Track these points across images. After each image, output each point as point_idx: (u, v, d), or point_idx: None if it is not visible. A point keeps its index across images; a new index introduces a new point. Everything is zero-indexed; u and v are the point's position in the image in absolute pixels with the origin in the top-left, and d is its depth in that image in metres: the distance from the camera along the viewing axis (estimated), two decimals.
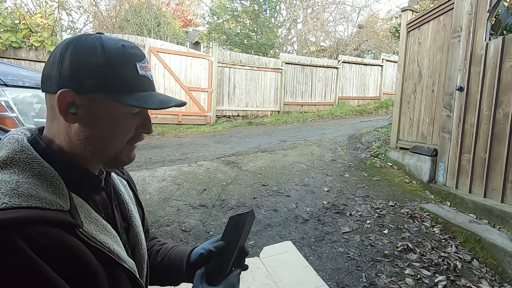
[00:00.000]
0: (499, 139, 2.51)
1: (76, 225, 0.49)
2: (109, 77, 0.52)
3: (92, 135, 0.54)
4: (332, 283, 1.87)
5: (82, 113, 0.52)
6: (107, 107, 0.53)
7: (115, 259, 0.54)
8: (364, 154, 4.44)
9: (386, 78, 11.39)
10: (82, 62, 0.51)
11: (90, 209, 0.55)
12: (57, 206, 0.48)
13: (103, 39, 0.53)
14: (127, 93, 0.53)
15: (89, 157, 0.56)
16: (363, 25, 14.30)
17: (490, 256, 2.05)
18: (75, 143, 0.54)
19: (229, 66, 8.62)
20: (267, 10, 13.33)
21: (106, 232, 0.55)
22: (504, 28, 3.47)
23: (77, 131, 0.53)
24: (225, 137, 6.39)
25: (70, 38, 0.54)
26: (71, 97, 0.51)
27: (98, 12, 11.46)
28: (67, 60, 0.51)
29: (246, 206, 2.85)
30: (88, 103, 0.52)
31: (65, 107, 0.51)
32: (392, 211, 2.77)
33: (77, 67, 0.51)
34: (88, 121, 0.53)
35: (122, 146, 0.58)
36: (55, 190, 0.49)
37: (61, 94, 0.50)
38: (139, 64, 0.55)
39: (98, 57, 0.51)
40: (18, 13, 6.35)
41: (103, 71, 0.51)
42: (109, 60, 0.52)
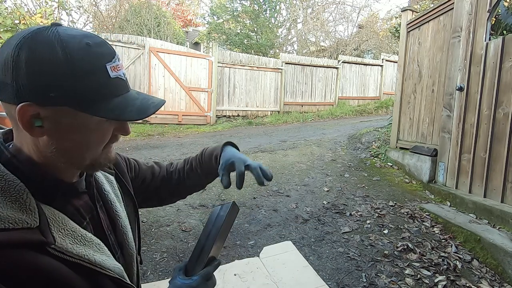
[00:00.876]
0: (499, 139, 2.51)
1: (46, 243, 0.44)
2: (76, 86, 0.45)
3: (64, 147, 0.49)
4: (332, 283, 1.87)
5: (48, 125, 0.46)
6: (77, 118, 0.47)
7: (98, 270, 0.51)
8: (364, 154, 4.44)
9: (386, 78, 11.39)
10: (41, 70, 0.43)
11: (65, 220, 0.50)
12: (23, 224, 0.43)
13: (62, 37, 0.45)
14: (99, 102, 0.47)
15: (64, 167, 0.52)
16: (363, 25, 14.30)
17: (490, 256, 2.05)
18: (46, 155, 0.49)
19: (229, 66, 8.62)
20: (267, 10, 13.33)
21: (86, 242, 0.51)
22: (504, 28, 3.46)
23: (46, 144, 0.48)
24: (225, 137, 6.39)
25: (21, 35, 0.45)
26: (33, 110, 0.44)
27: (98, 12, 11.46)
28: (23, 66, 0.43)
29: (246, 206, 2.85)
30: (55, 114, 0.46)
31: (28, 121, 0.45)
32: (392, 211, 2.77)
33: (35, 76, 0.43)
34: (57, 133, 0.47)
35: (98, 153, 0.53)
36: (21, 206, 0.44)
37: (21, 109, 0.44)
38: (109, 65, 0.48)
39: (59, 62, 0.44)
40: (18, 13, 6.35)
41: (67, 80, 0.44)
42: (74, 66, 0.44)
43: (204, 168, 0.86)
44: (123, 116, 0.49)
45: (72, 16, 8.84)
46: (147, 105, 0.53)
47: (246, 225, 2.54)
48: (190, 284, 0.61)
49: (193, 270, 0.63)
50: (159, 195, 0.88)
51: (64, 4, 7.38)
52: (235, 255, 2.14)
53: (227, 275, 1.91)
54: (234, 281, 1.86)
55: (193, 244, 2.24)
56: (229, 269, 1.97)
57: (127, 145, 5.53)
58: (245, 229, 2.48)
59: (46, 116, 0.46)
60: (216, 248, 0.66)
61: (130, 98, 0.52)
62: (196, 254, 0.65)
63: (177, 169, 0.90)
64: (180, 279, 0.62)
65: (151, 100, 0.54)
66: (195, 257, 0.65)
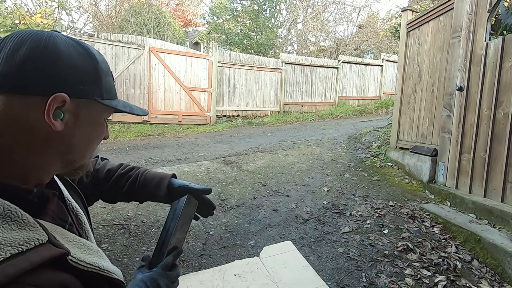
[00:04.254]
0: (499, 139, 2.51)
1: (66, 254, 0.43)
2: (101, 83, 0.52)
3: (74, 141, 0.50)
4: (332, 283, 1.87)
5: (69, 118, 0.48)
6: (94, 112, 0.52)
7: (107, 275, 0.51)
8: (364, 154, 4.44)
9: (386, 78, 11.39)
10: (75, 64, 0.47)
11: (63, 231, 0.49)
12: (35, 242, 0.40)
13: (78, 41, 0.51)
14: (112, 99, 0.55)
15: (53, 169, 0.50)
16: (363, 25, 14.30)
17: (490, 256, 2.05)
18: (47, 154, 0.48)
19: (229, 66, 8.62)
20: (267, 10, 13.33)
21: (89, 250, 0.51)
22: (504, 28, 3.47)
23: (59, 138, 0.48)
24: (225, 137, 6.39)
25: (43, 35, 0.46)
26: (61, 101, 0.45)
27: (98, 12, 11.46)
28: (54, 59, 0.45)
29: (246, 206, 2.85)
30: (77, 108, 0.49)
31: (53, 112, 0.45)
32: (392, 211, 2.77)
33: (70, 69, 0.47)
34: (73, 127, 0.49)
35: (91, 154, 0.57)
36: (21, 225, 0.41)
37: (55, 97, 0.44)
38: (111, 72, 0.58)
39: (91, 62, 0.50)
40: (18, 13, 6.35)
41: (96, 76, 0.51)
42: (98, 65, 0.51)
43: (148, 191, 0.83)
44: (135, 112, 0.58)
45: (72, 16, 8.84)
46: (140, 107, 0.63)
47: (246, 225, 2.54)
48: (151, 275, 0.61)
49: (155, 263, 0.65)
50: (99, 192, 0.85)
51: (64, 4, 7.37)
52: (235, 255, 2.14)
53: (227, 275, 1.91)
54: (234, 281, 1.86)
55: (193, 244, 2.24)
56: (229, 269, 1.97)
57: (127, 145, 5.53)
58: (245, 229, 2.48)
59: (69, 109, 0.47)
60: (177, 240, 0.69)
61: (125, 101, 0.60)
62: (157, 248, 0.67)
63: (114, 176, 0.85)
64: (141, 272, 0.63)
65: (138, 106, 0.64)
66: (157, 251, 0.66)
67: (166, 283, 0.62)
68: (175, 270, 0.66)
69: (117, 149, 5.18)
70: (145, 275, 0.61)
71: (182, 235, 0.73)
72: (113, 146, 5.49)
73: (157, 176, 0.84)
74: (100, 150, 2.22)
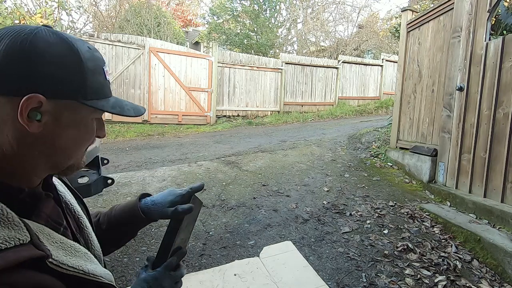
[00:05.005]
0: (499, 139, 2.51)
1: (46, 256, 0.42)
2: (86, 82, 0.48)
3: (56, 143, 0.48)
4: (332, 283, 1.87)
5: (48, 120, 0.45)
6: (78, 113, 0.49)
7: (92, 279, 0.50)
8: (364, 154, 4.44)
9: (386, 78, 11.39)
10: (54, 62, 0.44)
11: (50, 232, 0.48)
12: (15, 241, 0.39)
13: (68, 37, 0.47)
14: (101, 99, 0.51)
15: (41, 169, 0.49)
16: (363, 25, 14.31)
17: (490, 256, 2.05)
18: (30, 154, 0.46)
19: (229, 66, 8.62)
20: (267, 10, 13.33)
21: (76, 253, 0.50)
22: (504, 28, 3.47)
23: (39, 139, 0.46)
24: (225, 137, 6.39)
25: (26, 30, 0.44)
26: (37, 102, 0.43)
27: (98, 12, 11.46)
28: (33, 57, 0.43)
29: (246, 206, 2.85)
30: (57, 109, 0.46)
31: (28, 113, 0.43)
32: (392, 211, 2.77)
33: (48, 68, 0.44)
34: (54, 128, 0.47)
35: (82, 154, 0.54)
36: (5, 223, 0.41)
37: (30, 98, 0.42)
38: (105, 68, 0.53)
39: (73, 58, 0.46)
40: (18, 13, 6.35)
41: (79, 75, 0.47)
42: (85, 64, 0.47)
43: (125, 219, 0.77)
44: (124, 113, 0.53)
45: (72, 16, 8.84)
46: (137, 106, 0.58)
47: (246, 225, 2.54)
48: (154, 275, 0.61)
49: (159, 263, 0.64)
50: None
51: (64, 4, 7.37)
52: (235, 255, 2.14)
53: (227, 275, 1.91)
54: (234, 281, 1.86)
55: (193, 244, 2.24)
56: (229, 269, 1.97)
57: (127, 145, 5.53)
58: (245, 229, 2.48)
59: (47, 110, 0.45)
60: (181, 240, 0.68)
61: (118, 99, 0.56)
62: (161, 248, 0.66)
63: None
64: (145, 272, 0.63)
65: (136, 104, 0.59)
66: (161, 251, 0.66)
67: (169, 283, 0.62)
68: (179, 271, 0.66)
69: (117, 149, 5.18)
70: (148, 275, 0.61)
71: (187, 235, 0.72)
72: (113, 146, 5.49)
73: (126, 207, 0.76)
74: (100, 150, 2.22)
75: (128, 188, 3.17)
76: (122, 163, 4.22)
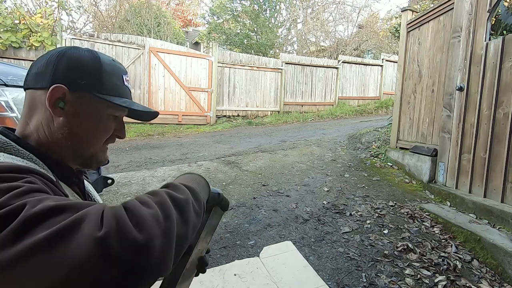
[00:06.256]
0: (499, 139, 2.51)
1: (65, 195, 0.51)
2: (102, 80, 0.59)
3: (75, 130, 0.58)
4: (332, 283, 1.87)
5: (69, 108, 0.57)
6: (94, 106, 0.59)
7: None
8: (364, 154, 4.44)
9: (386, 78, 11.39)
10: (79, 64, 0.57)
11: (71, 191, 0.59)
12: (46, 177, 0.48)
13: (97, 52, 0.61)
14: (114, 96, 0.61)
15: (68, 152, 0.60)
16: (363, 25, 14.30)
17: (490, 256, 2.05)
18: (56, 137, 0.57)
19: (229, 66, 8.62)
20: (267, 10, 13.32)
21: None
22: (504, 28, 3.47)
23: (61, 125, 0.57)
24: (225, 137, 6.39)
25: (66, 47, 0.60)
26: (62, 93, 0.55)
27: (98, 12, 11.46)
28: (64, 62, 0.57)
29: (246, 206, 2.85)
30: (77, 100, 0.57)
31: (54, 100, 0.55)
32: (392, 211, 2.77)
33: (73, 68, 0.57)
34: (73, 116, 0.58)
35: (100, 145, 0.63)
36: (38, 165, 0.52)
37: (54, 88, 0.55)
38: (124, 76, 0.65)
39: (94, 62, 0.59)
40: (18, 13, 6.35)
41: (97, 75, 0.59)
42: (103, 67, 0.60)
43: None
44: (133, 107, 0.63)
45: (72, 16, 8.84)
46: (149, 109, 0.69)
47: (246, 225, 2.54)
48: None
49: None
50: None
51: (64, 4, 7.37)
52: (235, 255, 2.14)
53: (227, 275, 1.91)
54: (234, 281, 1.86)
55: None
56: (229, 269, 1.97)
57: (127, 145, 5.53)
58: (245, 229, 2.48)
59: (70, 100, 0.57)
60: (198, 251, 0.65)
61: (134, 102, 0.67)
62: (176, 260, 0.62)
63: None
64: None
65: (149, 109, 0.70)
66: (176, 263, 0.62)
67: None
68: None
69: (117, 149, 5.18)
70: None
71: (204, 245, 0.68)
72: (113, 146, 5.49)
73: None
74: None
75: (128, 188, 3.16)
76: (122, 163, 4.22)
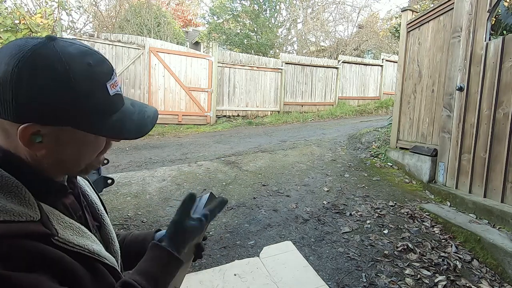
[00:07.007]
0: (499, 139, 2.51)
1: (50, 235, 0.46)
2: (78, 107, 0.46)
3: (61, 158, 0.50)
4: (332, 283, 1.87)
5: (48, 141, 0.47)
6: (76, 135, 0.49)
7: (97, 258, 0.53)
8: (364, 154, 4.44)
9: (386, 78, 11.38)
10: (44, 90, 0.43)
11: (61, 215, 0.52)
12: (27, 217, 0.44)
13: (63, 57, 0.45)
14: (99, 120, 0.49)
15: (57, 173, 0.54)
16: (363, 25, 14.30)
17: (490, 256, 2.05)
18: (42, 164, 0.50)
19: (229, 66, 8.62)
20: (267, 10, 13.32)
21: (83, 233, 0.54)
22: (504, 28, 3.46)
23: (44, 156, 0.49)
24: (225, 137, 6.39)
25: (18, 54, 0.43)
26: (35, 129, 0.45)
27: (98, 12, 11.46)
28: (24, 86, 0.43)
29: (246, 206, 2.85)
30: (56, 131, 0.47)
31: (28, 139, 0.46)
32: (392, 211, 2.77)
33: (38, 96, 0.43)
34: (56, 148, 0.49)
35: (92, 160, 0.56)
36: (21, 201, 0.45)
37: (23, 130, 0.44)
38: (109, 83, 0.50)
39: (62, 84, 0.44)
40: (18, 13, 6.35)
41: (70, 101, 0.45)
42: (77, 87, 0.45)
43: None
44: (121, 135, 0.52)
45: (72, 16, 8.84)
46: (144, 120, 0.56)
47: (246, 225, 2.54)
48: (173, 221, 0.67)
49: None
50: None
51: (64, 4, 7.37)
52: (235, 255, 2.14)
53: (227, 275, 1.91)
54: (234, 281, 1.86)
55: None
56: (229, 269, 1.97)
57: (127, 145, 5.53)
58: (245, 229, 2.48)
59: (46, 134, 0.47)
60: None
61: (127, 112, 0.54)
62: None
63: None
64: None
65: (147, 114, 0.58)
66: None
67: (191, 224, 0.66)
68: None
69: (117, 149, 5.18)
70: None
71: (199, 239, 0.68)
72: (113, 146, 5.43)
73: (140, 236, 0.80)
74: None
75: (128, 188, 3.17)
76: (122, 163, 4.22)
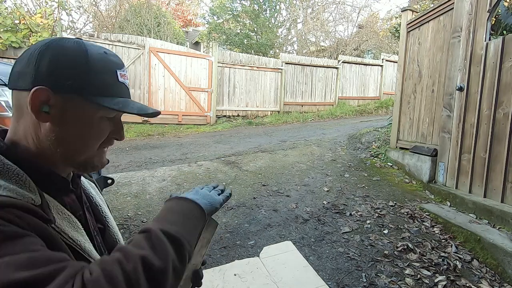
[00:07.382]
0: (499, 139, 2.51)
1: (48, 220, 0.46)
2: (90, 80, 0.52)
3: (63, 136, 0.52)
4: (332, 283, 1.87)
5: (55, 113, 0.51)
6: (82, 109, 0.52)
7: (86, 257, 0.53)
8: (364, 154, 4.44)
9: (386, 78, 11.38)
10: (63, 62, 0.50)
11: (60, 206, 0.53)
12: (28, 199, 0.45)
13: (85, 44, 0.53)
14: (105, 97, 0.53)
15: (58, 160, 0.54)
16: (363, 25, 14.30)
17: (490, 256, 2.05)
18: (44, 144, 0.52)
19: (229, 66, 8.62)
20: (267, 10, 13.32)
21: (78, 229, 0.54)
22: (504, 28, 3.47)
23: (48, 131, 0.51)
24: (225, 137, 6.39)
25: (50, 39, 0.53)
26: (46, 96, 0.49)
27: (98, 12, 11.46)
28: (47, 59, 0.50)
29: (246, 206, 2.85)
30: (63, 103, 0.51)
31: (37, 105, 0.49)
32: (392, 211, 2.77)
33: (57, 66, 0.50)
34: (60, 121, 0.52)
35: (93, 151, 0.57)
36: (23, 185, 0.47)
37: (36, 91, 0.49)
38: (119, 71, 0.57)
39: (80, 59, 0.51)
40: (18, 13, 6.35)
41: (84, 73, 0.51)
42: (91, 64, 0.52)
43: None
44: (125, 109, 0.55)
45: (72, 16, 8.84)
46: (146, 107, 0.60)
47: (246, 225, 2.54)
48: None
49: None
50: None
51: (64, 4, 7.36)
52: (235, 255, 2.14)
53: (227, 275, 1.91)
54: (234, 281, 1.86)
55: None
56: (229, 269, 1.97)
57: (127, 145, 5.53)
58: (245, 229, 2.48)
59: (55, 104, 0.51)
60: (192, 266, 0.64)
61: (131, 101, 0.59)
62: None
63: None
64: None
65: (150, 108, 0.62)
66: None
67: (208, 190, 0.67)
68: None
69: (117, 149, 5.18)
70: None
71: (199, 259, 0.66)
72: (113, 146, 5.43)
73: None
74: None
75: (128, 188, 3.17)
76: (122, 163, 4.22)
